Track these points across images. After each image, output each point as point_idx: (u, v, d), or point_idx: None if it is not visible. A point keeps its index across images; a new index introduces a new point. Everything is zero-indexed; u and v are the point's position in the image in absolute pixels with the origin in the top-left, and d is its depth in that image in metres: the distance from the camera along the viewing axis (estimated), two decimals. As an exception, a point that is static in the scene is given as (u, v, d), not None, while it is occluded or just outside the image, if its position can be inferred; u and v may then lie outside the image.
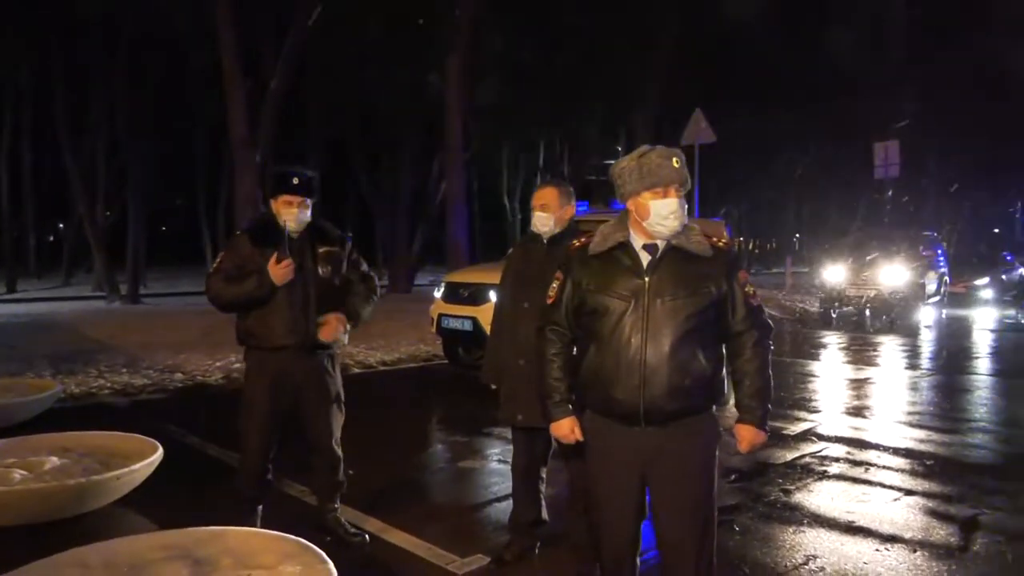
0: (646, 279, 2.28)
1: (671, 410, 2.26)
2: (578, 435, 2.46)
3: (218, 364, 8.24)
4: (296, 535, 2.89)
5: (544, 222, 3.18)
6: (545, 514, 3.38)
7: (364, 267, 3.73)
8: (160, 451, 4.17)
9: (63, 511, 3.72)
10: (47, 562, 2.69)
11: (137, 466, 3.94)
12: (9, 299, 20.11)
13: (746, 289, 2.35)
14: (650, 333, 2.25)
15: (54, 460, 4.07)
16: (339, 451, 3.59)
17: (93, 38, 18.23)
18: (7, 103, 23.02)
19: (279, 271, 3.27)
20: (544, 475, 3.37)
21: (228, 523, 3.08)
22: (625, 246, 2.34)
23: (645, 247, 2.32)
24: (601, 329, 2.32)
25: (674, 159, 2.29)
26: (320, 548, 2.77)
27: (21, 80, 22.31)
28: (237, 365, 8.07)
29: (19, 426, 5.29)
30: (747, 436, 2.40)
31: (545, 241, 3.20)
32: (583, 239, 2.48)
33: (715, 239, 2.36)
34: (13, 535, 3.55)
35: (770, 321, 2.43)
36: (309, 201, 3.40)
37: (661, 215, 2.25)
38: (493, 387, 3.32)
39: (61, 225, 33.81)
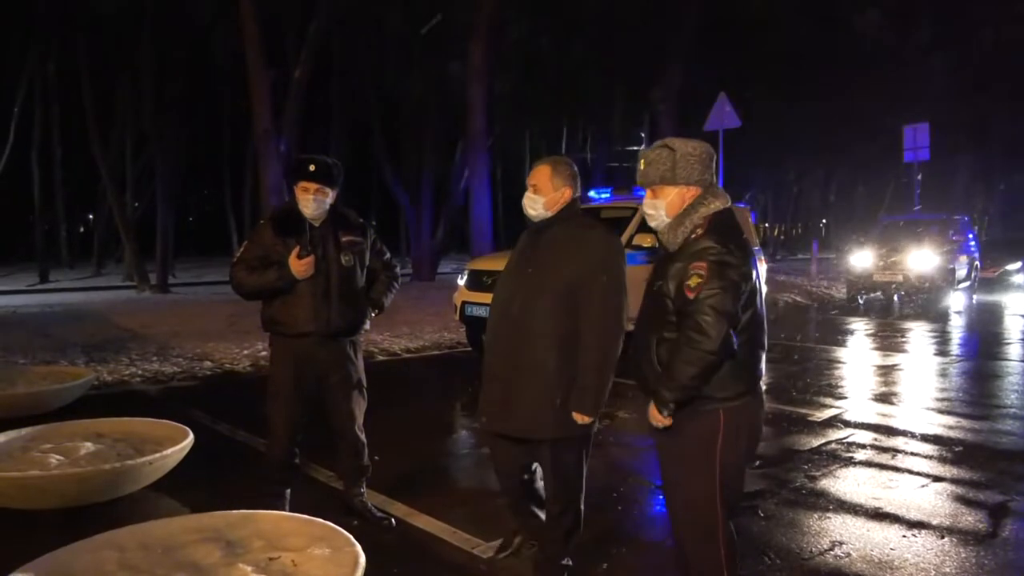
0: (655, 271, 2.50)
1: (649, 389, 2.38)
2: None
3: (245, 352, 8.36)
4: (324, 519, 2.95)
5: (531, 205, 2.79)
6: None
7: (386, 255, 3.76)
8: (191, 437, 4.26)
9: (98, 495, 3.81)
10: (84, 544, 2.76)
11: (169, 451, 4.02)
12: (42, 289, 20.52)
13: (688, 282, 2.24)
14: (639, 317, 2.47)
15: (89, 445, 4.16)
16: (362, 436, 3.63)
17: (118, 32, 18.44)
18: (37, 98, 23.39)
19: (300, 266, 3.30)
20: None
21: (257, 507, 3.14)
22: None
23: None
24: None
25: (640, 162, 2.41)
26: (348, 531, 2.83)
27: (49, 75, 22.65)
28: (264, 353, 8.18)
29: (55, 412, 5.42)
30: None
31: (534, 225, 2.83)
32: None
33: (698, 230, 2.32)
34: (50, 518, 3.65)
35: (707, 323, 2.20)
36: (328, 189, 3.41)
37: None
38: None
39: (91, 216, 34.37)
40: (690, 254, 2.29)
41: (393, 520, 3.64)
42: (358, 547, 2.69)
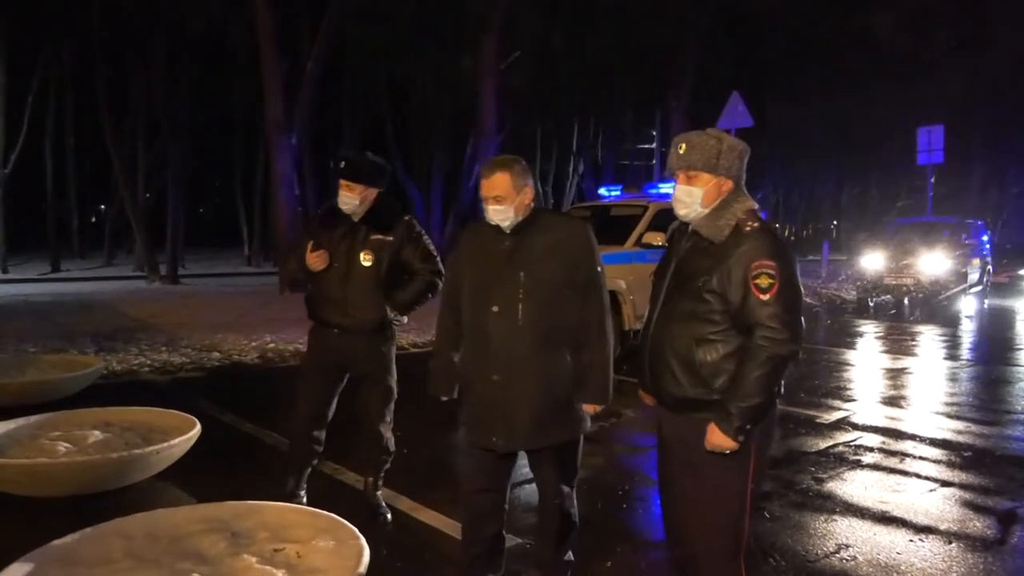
0: (672, 263, 2.33)
1: (671, 395, 2.25)
2: None
3: (253, 344, 8.38)
4: (329, 511, 2.95)
5: (502, 216, 2.59)
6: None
7: (428, 248, 3.62)
8: (198, 427, 4.28)
9: (106, 483, 3.84)
10: (91, 532, 2.78)
11: (176, 441, 4.05)
12: (53, 278, 20.65)
13: (756, 280, 2.09)
14: (659, 316, 2.30)
15: (97, 434, 4.20)
16: (384, 431, 3.62)
17: (132, 22, 18.51)
18: (50, 87, 23.50)
19: (312, 259, 3.41)
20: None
21: (262, 497, 3.15)
22: (676, 230, 2.41)
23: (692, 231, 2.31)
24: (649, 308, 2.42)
25: (681, 145, 2.25)
26: (353, 524, 2.83)
27: (63, 64, 22.75)
28: (272, 345, 8.22)
29: (64, 401, 5.46)
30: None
31: (508, 231, 2.63)
32: None
33: (749, 223, 2.19)
34: (58, 505, 3.67)
35: (789, 323, 2.11)
36: (355, 185, 3.41)
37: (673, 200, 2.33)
38: (444, 399, 2.84)
39: (103, 207, 34.54)
40: (747, 250, 2.12)
41: (388, 516, 3.64)
42: (362, 540, 2.70)
